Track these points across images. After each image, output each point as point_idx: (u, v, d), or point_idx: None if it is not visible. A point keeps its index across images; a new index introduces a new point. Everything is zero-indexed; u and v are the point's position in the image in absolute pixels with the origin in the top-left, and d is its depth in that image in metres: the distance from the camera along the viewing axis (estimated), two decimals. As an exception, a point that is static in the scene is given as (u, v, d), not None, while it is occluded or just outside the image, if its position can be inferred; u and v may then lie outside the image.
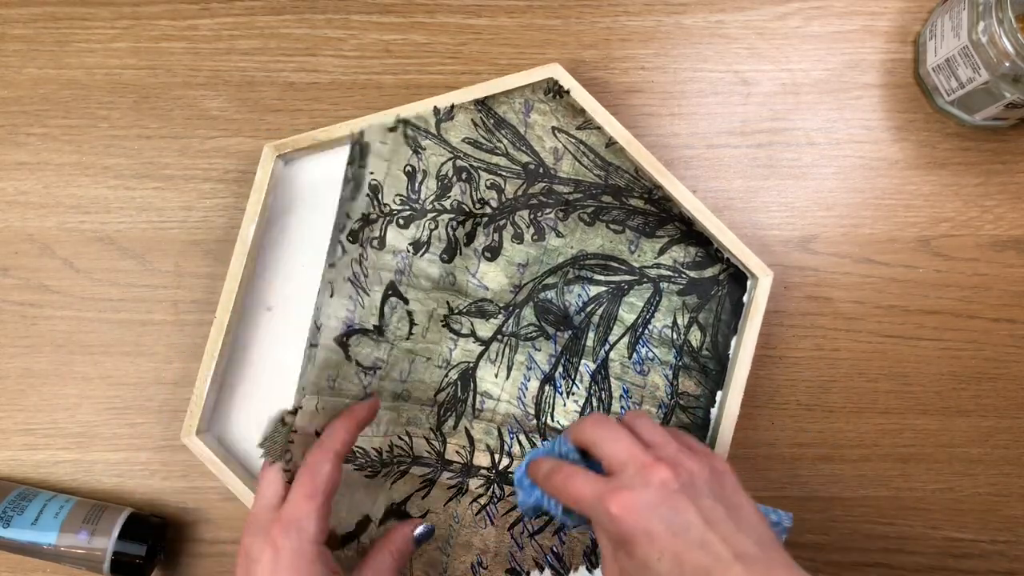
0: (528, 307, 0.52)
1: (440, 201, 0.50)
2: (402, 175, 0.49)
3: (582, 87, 0.49)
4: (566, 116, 0.51)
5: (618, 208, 0.51)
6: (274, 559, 0.39)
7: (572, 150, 0.51)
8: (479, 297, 0.51)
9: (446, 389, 0.51)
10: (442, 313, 0.51)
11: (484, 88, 0.49)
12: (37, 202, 0.54)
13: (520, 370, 0.52)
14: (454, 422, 0.51)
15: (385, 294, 0.48)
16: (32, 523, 0.49)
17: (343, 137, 0.50)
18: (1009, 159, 0.54)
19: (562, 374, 0.52)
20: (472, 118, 0.50)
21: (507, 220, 0.51)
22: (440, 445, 0.51)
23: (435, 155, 0.50)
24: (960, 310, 0.54)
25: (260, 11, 0.55)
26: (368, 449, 0.49)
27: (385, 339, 0.48)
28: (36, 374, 0.54)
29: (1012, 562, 0.54)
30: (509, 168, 0.51)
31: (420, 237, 0.49)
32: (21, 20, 0.55)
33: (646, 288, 0.52)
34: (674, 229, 0.52)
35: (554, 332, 0.52)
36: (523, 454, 0.51)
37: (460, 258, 0.51)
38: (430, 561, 0.51)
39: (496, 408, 0.52)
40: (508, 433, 0.51)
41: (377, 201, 0.48)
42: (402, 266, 0.49)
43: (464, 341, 0.51)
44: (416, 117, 0.49)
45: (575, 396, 0.52)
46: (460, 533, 0.51)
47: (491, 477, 0.51)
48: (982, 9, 0.47)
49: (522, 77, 0.49)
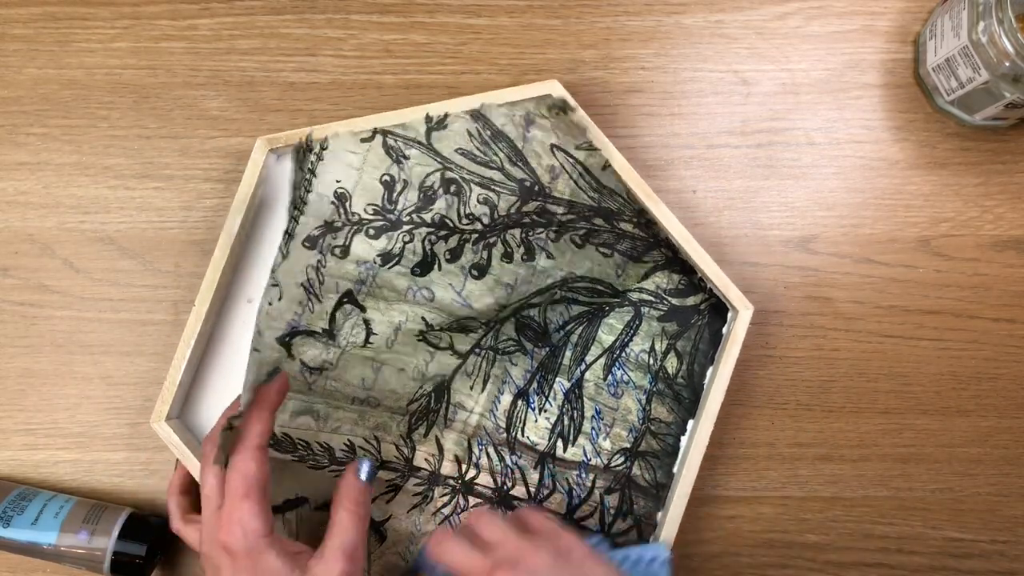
0: (509, 322, 0.52)
1: (420, 214, 0.48)
2: (378, 185, 0.47)
3: (578, 106, 0.48)
4: (566, 134, 0.49)
5: (608, 231, 0.51)
6: (232, 563, 0.40)
7: (569, 170, 0.49)
8: (462, 316, 0.50)
9: (419, 400, 0.51)
10: (415, 328, 0.49)
11: (477, 99, 0.48)
12: (37, 202, 0.54)
13: (495, 383, 0.52)
14: (425, 430, 0.51)
15: (340, 301, 0.47)
16: (32, 523, 0.49)
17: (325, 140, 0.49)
18: (1009, 159, 0.54)
19: (536, 390, 0.52)
20: (468, 128, 0.48)
21: (498, 238, 0.49)
22: (409, 451, 0.51)
23: (420, 165, 0.48)
24: (960, 310, 0.54)
25: (260, 11, 0.55)
26: (311, 442, 0.48)
27: (335, 344, 0.48)
28: (36, 374, 0.54)
29: (1012, 562, 0.54)
30: (504, 184, 0.48)
31: (391, 249, 0.48)
32: (21, 20, 0.55)
33: (627, 311, 0.52)
34: (660, 255, 0.52)
35: (532, 348, 0.52)
36: (490, 467, 0.51)
37: (440, 274, 0.49)
38: (388, 565, 0.50)
39: (468, 420, 0.52)
40: (477, 445, 0.51)
41: (344, 209, 0.47)
42: (364, 276, 0.48)
43: (441, 354, 0.51)
44: (400, 126, 0.47)
45: (547, 413, 0.52)
46: (420, 540, 0.51)
47: (456, 487, 0.51)
48: (982, 9, 0.47)
49: (518, 92, 0.48)
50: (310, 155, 0.46)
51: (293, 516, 0.50)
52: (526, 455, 0.51)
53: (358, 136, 0.47)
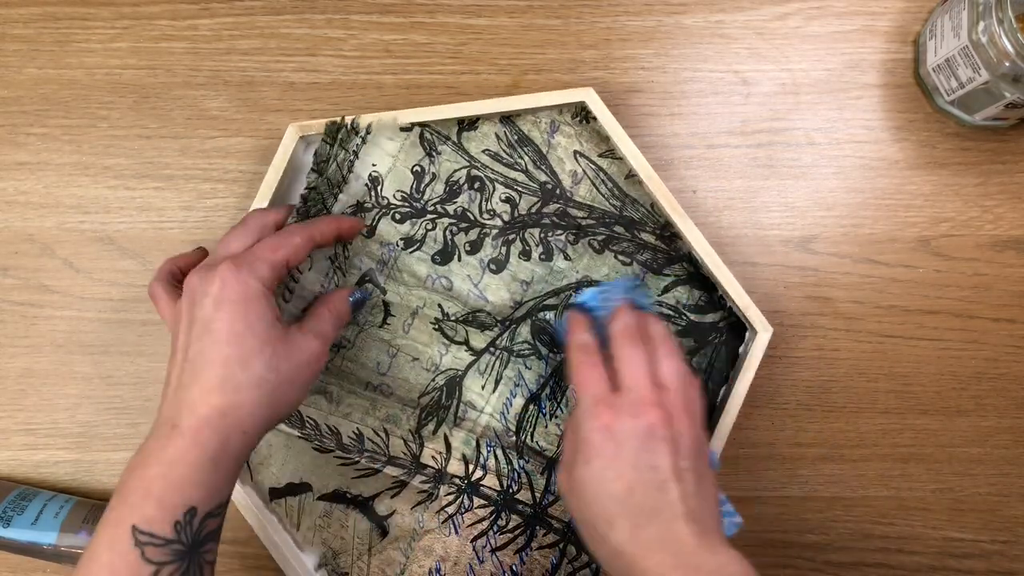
0: (525, 324, 0.52)
1: (443, 205, 0.51)
2: (409, 173, 0.50)
3: (611, 115, 0.49)
4: (590, 142, 0.51)
5: (629, 240, 0.52)
6: (222, 289, 0.39)
7: (591, 176, 0.52)
8: (477, 308, 0.51)
9: (431, 393, 0.51)
10: (431, 315, 0.51)
11: (512, 102, 0.49)
12: (37, 202, 0.54)
13: (508, 385, 0.52)
14: (434, 427, 0.51)
15: (362, 279, 0.50)
16: (32, 523, 0.49)
17: (369, 125, 0.50)
18: (1009, 159, 0.54)
19: (548, 395, 0.52)
20: (496, 131, 0.51)
21: (517, 235, 0.51)
22: (417, 448, 0.51)
23: (449, 161, 0.51)
24: (960, 310, 0.54)
25: (260, 11, 0.55)
26: (320, 423, 0.50)
27: (354, 321, 0.50)
28: (36, 374, 0.54)
29: (1012, 562, 0.54)
30: (526, 185, 0.51)
31: (414, 235, 0.51)
32: (21, 20, 0.55)
33: None
34: (681, 270, 0.52)
35: (547, 353, 0.52)
36: (497, 469, 0.51)
37: (460, 265, 0.51)
38: (388, 560, 0.51)
39: (478, 419, 0.52)
40: (486, 446, 0.51)
41: (375, 192, 0.50)
42: (387, 258, 0.50)
43: (456, 348, 0.51)
44: (437, 123, 0.50)
45: (558, 419, 0.52)
46: (423, 537, 0.51)
47: (462, 487, 0.51)
48: (982, 9, 0.47)
49: (553, 97, 0.49)
50: (355, 137, 0.49)
51: (296, 502, 0.50)
52: (534, 460, 0.51)
53: (399, 125, 0.50)
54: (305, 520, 0.50)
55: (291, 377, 0.40)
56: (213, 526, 0.39)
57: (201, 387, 0.38)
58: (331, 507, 0.51)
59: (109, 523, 0.37)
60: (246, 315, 0.39)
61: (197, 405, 0.38)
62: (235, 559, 0.53)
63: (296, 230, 0.43)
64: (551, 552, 0.51)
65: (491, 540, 0.51)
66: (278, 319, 0.41)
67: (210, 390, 0.38)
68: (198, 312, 0.39)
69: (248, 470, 0.50)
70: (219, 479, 0.38)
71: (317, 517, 0.51)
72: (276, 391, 0.40)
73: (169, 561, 0.36)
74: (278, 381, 0.40)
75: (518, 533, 0.51)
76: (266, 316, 0.40)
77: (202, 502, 0.37)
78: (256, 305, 0.39)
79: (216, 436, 0.38)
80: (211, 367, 0.38)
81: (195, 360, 0.39)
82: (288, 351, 0.40)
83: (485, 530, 0.51)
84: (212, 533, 0.39)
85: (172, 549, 0.36)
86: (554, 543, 0.51)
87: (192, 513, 0.37)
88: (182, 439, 0.38)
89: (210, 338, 0.39)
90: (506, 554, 0.51)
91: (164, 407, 0.39)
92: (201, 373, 0.38)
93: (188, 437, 0.38)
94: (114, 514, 0.37)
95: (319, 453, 0.51)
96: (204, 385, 0.38)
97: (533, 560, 0.51)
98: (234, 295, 0.39)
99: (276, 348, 0.40)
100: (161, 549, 0.36)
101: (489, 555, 0.51)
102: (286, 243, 0.42)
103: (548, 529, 0.51)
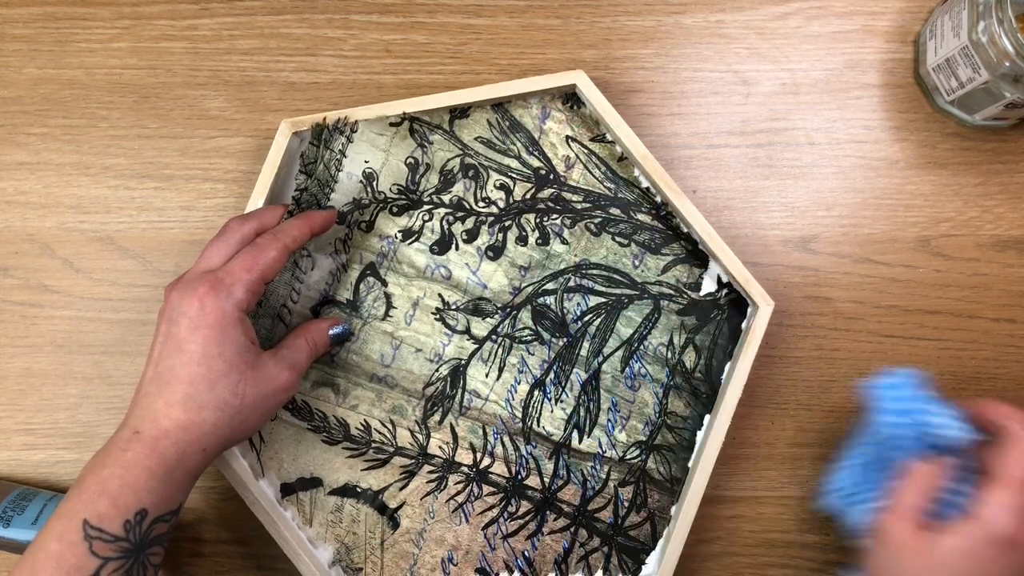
0: (526, 310, 0.52)
1: (439, 195, 0.52)
2: (403, 166, 0.52)
3: (604, 97, 0.49)
4: (581, 127, 0.52)
5: (625, 222, 0.52)
6: (199, 312, 0.40)
7: (584, 160, 0.52)
8: (477, 295, 0.52)
9: (435, 383, 0.52)
10: (432, 304, 0.52)
11: (504, 88, 0.50)
12: (37, 202, 0.54)
13: (512, 372, 0.52)
14: (440, 417, 0.52)
15: (363, 273, 0.51)
16: (32, 523, 0.49)
17: (360, 120, 0.51)
18: (1009, 159, 0.54)
19: (553, 380, 0.52)
20: (488, 118, 0.52)
21: (513, 221, 0.52)
22: (424, 439, 0.51)
23: (443, 150, 0.52)
24: (960, 310, 0.54)
25: (260, 11, 0.55)
26: (328, 415, 0.51)
27: (358, 315, 0.51)
28: (36, 374, 0.54)
29: (1012, 562, 0.54)
30: (520, 171, 0.52)
31: (412, 226, 0.52)
32: (21, 20, 0.55)
33: (646, 304, 0.52)
34: (680, 248, 0.52)
35: (549, 338, 0.52)
36: (505, 456, 0.52)
37: (458, 253, 0.52)
38: (401, 553, 0.51)
39: (483, 407, 0.52)
40: (493, 434, 0.52)
41: (371, 188, 0.51)
42: (386, 250, 0.52)
43: (459, 338, 0.52)
44: (426, 113, 0.51)
45: (563, 404, 0.52)
46: (434, 528, 0.51)
47: (471, 475, 0.51)
48: (982, 9, 0.47)
49: (543, 81, 0.50)
50: (340, 137, 0.50)
51: (307, 497, 0.51)
52: (541, 445, 0.52)
53: (387, 120, 0.51)
54: (317, 516, 0.51)
55: (255, 403, 0.42)
56: (162, 530, 0.40)
57: (166, 400, 0.40)
58: (342, 502, 0.51)
59: (62, 515, 0.38)
60: (220, 340, 0.40)
61: (160, 417, 0.40)
62: (235, 559, 0.53)
63: (269, 243, 0.43)
64: (562, 536, 0.51)
65: (502, 527, 0.51)
66: (253, 343, 0.42)
67: (174, 404, 0.40)
68: (174, 329, 0.41)
69: (259, 464, 0.50)
70: (173, 488, 0.40)
71: (329, 512, 0.51)
72: (238, 415, 0.41)
73: (115, 557, 0.38)
74: (241, 406, 0.41)
75: (529, 519, 0.51)
76: (239, 341, 0.41)
77: (153, 507, 0.39)
78: (231, 330, 0.41)
79: (175, 448, 0.40)
80: (178, 383, 0.40)
81: (164, 374, 0.41)
82: (256, 378, 0.42)
83: (495, 517, 0.51)
84: (160, 537, 0.40)
85: (119, 546, 0.38)
86: (565, 527, 0.51)
87: (143, 515, 0.39)
88: (142, 446, 0.39)
89: (181, 357, 0.40)
90: (517, 540, 0.51)
91: (131, 411, 0.41)
92: (168, 387, 0.40)
93: (148, 445, 0.39)
94: (68, 506, 0.38)
95: (328, 446, 0.51)
96: (169, 399, 0.40)
97: (545, 545, 0.51)
98: (211, 319, 0.40)
99: (244, 374, 0.41)
100: (109, 545, 0.38)
101: (501, 542, 0.51)
102: (261, 259, 0.42)
103: (558, 513, 0.51)
